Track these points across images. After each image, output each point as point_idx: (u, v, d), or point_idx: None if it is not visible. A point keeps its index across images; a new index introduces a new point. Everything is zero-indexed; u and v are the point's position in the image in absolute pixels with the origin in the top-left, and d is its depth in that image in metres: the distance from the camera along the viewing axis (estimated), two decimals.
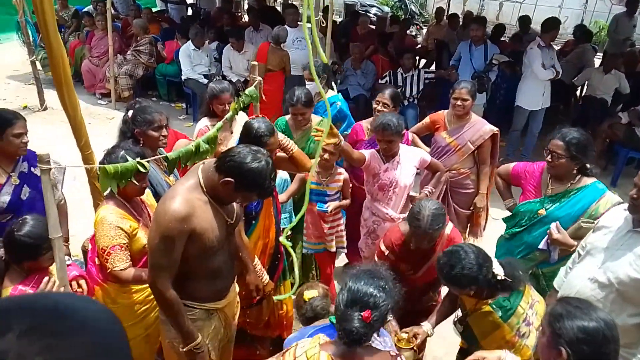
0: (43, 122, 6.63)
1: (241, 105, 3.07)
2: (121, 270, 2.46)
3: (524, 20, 8.75)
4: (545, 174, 3.08)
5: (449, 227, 2.89)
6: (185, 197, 2.07)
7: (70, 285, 2.48)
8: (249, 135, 2.76)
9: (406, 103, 6.71)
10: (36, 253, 2.31)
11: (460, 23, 9.03)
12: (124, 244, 2.49)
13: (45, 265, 2.39)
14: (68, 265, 2.56)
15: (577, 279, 2.41)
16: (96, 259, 2.65)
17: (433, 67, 8.34)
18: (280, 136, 3.08)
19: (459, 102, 3.80)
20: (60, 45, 3.50)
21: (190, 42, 6.96)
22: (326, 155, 3.42)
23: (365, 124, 4.02)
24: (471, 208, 4.06)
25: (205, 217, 2.13)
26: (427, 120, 4.19)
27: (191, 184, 2.15)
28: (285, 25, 6.64)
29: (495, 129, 3.89)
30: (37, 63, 7.03)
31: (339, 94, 4.87)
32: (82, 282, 2.55)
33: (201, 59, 7.10)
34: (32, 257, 2.33)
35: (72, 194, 3.03)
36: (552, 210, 2.95)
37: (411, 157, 3.50)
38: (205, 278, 2.28)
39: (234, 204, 2.35)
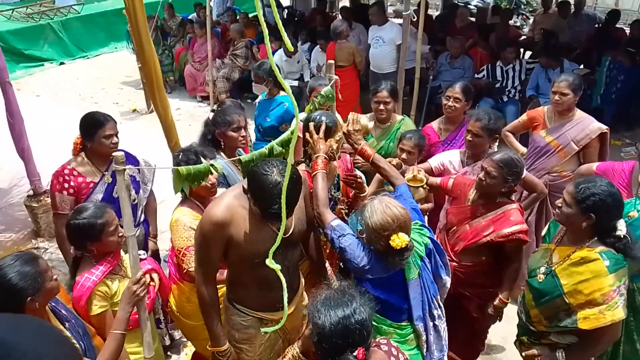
0: (148, 124, 7.11)
1: (316, 106, 3.00)
2: None
3: None
4: (637, 172, 2.74)
5: (513, 228, 2.65)
6: (228, 204, 2.07)
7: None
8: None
9: (505, 99, 6.24)
10: (93, 232, 2.37)
11: (572, 10, 8.23)
12: None
13: (111, 248, 2.44)
14: (143, 259, 2.66)
15: None
16: (174, 258, 2.74)
17: None
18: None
19: (557, 97, 3.43)
20: (152, 50, 3.67)
21: (282, 50, 7.07)
22: (404, 155, 3.23)
23: (437, 124, 3.74)
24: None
25: (244, 226, 2.08)
26: (524, 117, 3.84)
27: (238, 191, 2.13)
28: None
29: (604, 127, 3.44)
30: None
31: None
32: (155, 275, 2.63)
33: (292, 67, 7.26)
34: (90, 238, 2.38)
35: (165, 192, 3.17)
36: None
37: None
38: (254, 287, 2.24)
39: (294, 218, 2.20)
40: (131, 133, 6.49)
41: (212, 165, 2.45)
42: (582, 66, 6.68)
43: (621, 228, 2.23)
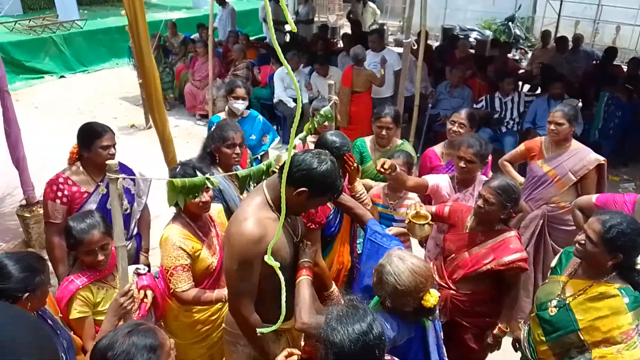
0: (146, 140, 7.09)
1: (315, 126, 3.00)
2: (182, 291, 2.46)
3: None
4: None
5: (513, 256, 2.61)
6: (257, 217, 2.02)
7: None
8: (324, 149, 2.66)
9: (504, 129, 6.28)
10: (76, 244, 2.36)
11: (570, 46, 8.38)
12: (186, 265, 2.48)
13: (87, 261, 2.40)
14: (142, 274, 2.60)
15: None
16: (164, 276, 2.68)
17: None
18: (360, 187, 2.95)
19: (552, 127, 3.45)
20: (153, 66, 3.68)
21: (284, 67, 7.11)
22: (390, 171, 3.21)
23: (439, 149, 3.78)
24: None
25: (274, 235, 2.05)
26: (521, 147, 3.84)
27: (258, 202, 2.09)
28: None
29: (601, 159, 3.45)
30: None
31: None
32: (149, 292, 2.57)
33: (293, 83, 7.20)
34: (75, 247, 2.39)
35: (161, 207, 3.13)
36: None
37: None
38: (272, 298, 2.16)
39: (299, 221, 2.27)
40: (128, 148, 6.46)
41: (208, 179, 2.42)
42: (580, 101, 6.77)
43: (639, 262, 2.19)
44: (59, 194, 2.92)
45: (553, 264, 2.58)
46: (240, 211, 2.11)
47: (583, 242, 2.23)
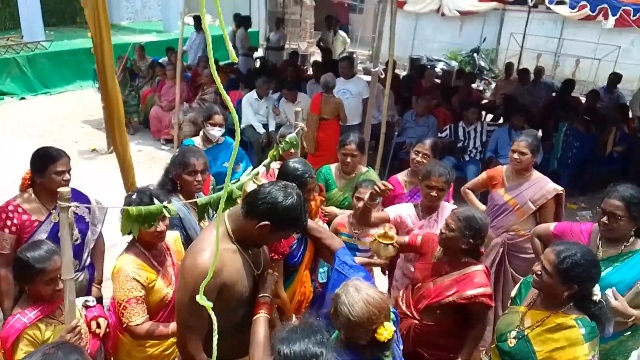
0: (107, 164, 6.91)
1: (280, 152, 2.97)
2: (137, 325, 2.35)
3: (614, 79, 8.53)
4: (595, 235, 2.76)
5: (476, 290, 2.60)
6: (212, 250, 1.93)
7: (89, 326, 2.39)
8: (286, 177, 2.64)
9: (467, 158, 6.40)
10: (29, 274, 2.22)
11: (532, 78, 8.69)
12: (140, 296, 2.39)
13: (44, 297, 2.28)
14: (91, 307, 2.48)
15: None
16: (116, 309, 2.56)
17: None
18: (311, 223, 2.74)
19: (515, 155, 3.52)
20: (116, 88, 3.63)
21: (254, 91, 7.12)
22: (360, 204, 3.20)
23: (402, 177, 3.80)
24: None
25: (235, 267, 2.00)
26: (483, 175, 3.91)
27: (219, 232, 2.02)
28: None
29: (560, 189, 3.53)
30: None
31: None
32: (102, 320, 2.45)
33: (261, 109, 7.24)
34: (26, 278, 2.25)
35: (116, 236, 3.01)
36: (605, 275, 2.57)
37: None
38: (230, 333, 2.08)
39: (262, 253, 2.21)
40: (88, 173, 6.28)
41: (165, 207, 2.35)
42: (540, 131, 6.98)
43: (597, 293, 2.20)
44: (8, 222, 2.78)
45: (513, 294, 2.58)
46: (198, 241, 2.04)
47: (539, 272, 2.24)
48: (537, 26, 12.72)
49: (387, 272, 3.60)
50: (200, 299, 1.75)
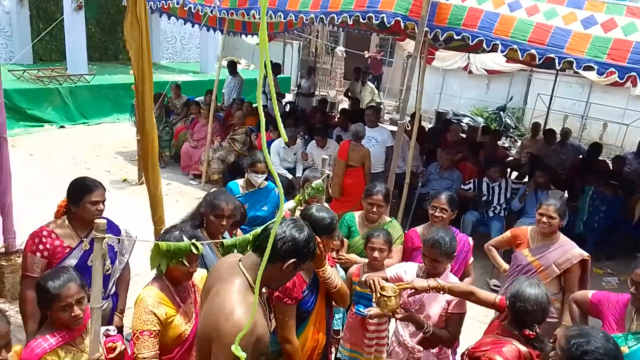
0: (136, 195, 7.10)
1: (305, 197, 3.04)
2: (144, 358, 2.34)
3: None
4: (631, 306, 2.69)
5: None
6: (244, 307, 1.90)
7: (107, 351, 2.44)
8: (315, 228, 2.48)
9: (491, 214, 6.37)
10: (46, 300, 2.29)
11: (559, 139, 8.69)
12: (155, 331, 2.39)
13: (63, 319, 2.32)
14: (112, 336, 2.52)
15: None
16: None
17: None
18: (328, 270, 2.75)
19: (544, 219, 3.50)
20: (153, 123, 3.78)
21: (280, 138, 7.35)
22: (375, 254, 3.20)
23: (421, 229, 3.77)
24: (551, 340, 3.54)
25: (262, 318, 2.02)
26: (507, 234, 3.89)
27: (239, 286, 1.98)
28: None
29: (585, 254, 3.49)
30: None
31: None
32: (119, 343, 2.49)
33: (289, 156, 7.54)
34: (46, 304, 2.32)
35: (140, 265, 3.07)
36: (637, 349, 2.51)
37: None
38: None
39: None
40: (118, 202, 6.43)
41: (193, 244, 2.42)
42: (565, 193, 6.92)
43: None
44: (41, 247, 2.88)
45: None
46: (225, 301, 1.95)
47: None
48: (564, 88, 12.80)
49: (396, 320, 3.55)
50: (236, 349, 1.72)
